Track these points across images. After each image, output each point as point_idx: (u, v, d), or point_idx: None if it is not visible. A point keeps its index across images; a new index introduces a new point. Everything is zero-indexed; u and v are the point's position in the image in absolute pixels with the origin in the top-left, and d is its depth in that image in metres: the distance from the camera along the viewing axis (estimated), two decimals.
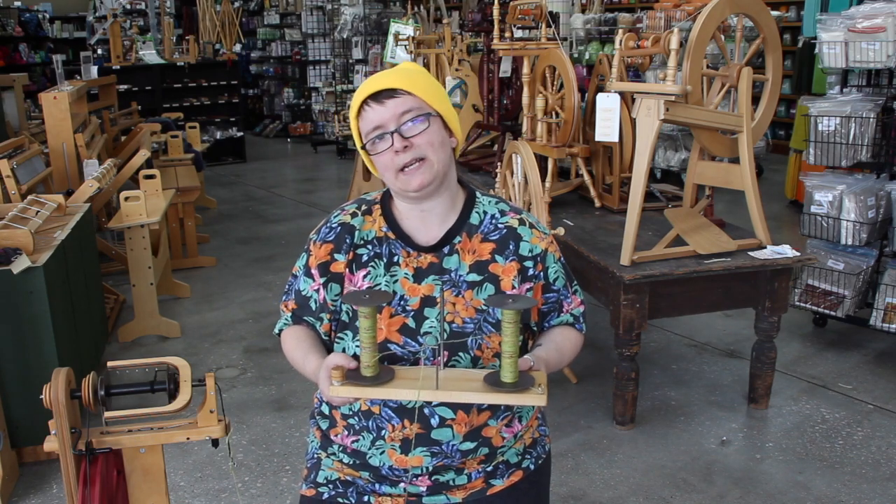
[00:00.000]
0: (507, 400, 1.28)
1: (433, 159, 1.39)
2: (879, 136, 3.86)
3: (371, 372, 1.30)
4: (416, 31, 6.52)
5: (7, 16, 12.41)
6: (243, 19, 12.83)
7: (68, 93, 4.65)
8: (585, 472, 3.03)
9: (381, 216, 1.48)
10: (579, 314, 1.55)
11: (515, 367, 1.28)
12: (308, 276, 1.48)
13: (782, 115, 9.06)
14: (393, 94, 1.38)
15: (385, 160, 1.39)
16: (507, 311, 1.27)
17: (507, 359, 1.28)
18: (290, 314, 1.52)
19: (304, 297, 1.49)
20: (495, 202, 1.51)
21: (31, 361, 2.99)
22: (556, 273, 1.50)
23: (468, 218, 1.47)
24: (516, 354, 1.28)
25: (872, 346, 4.12)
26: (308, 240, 1.52)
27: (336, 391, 1.29)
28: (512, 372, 1.28)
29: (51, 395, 1.74)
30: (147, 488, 1.93)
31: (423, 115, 1.38)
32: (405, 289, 1.42)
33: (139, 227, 4.19)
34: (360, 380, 1.30)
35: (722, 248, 3.23)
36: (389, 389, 1.29)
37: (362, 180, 6.63)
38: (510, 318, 1.27)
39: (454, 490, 1.48)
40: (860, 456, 3.11)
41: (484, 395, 1.29)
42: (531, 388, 1.28)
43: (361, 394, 1.31)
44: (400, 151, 1.37)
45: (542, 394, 1.27)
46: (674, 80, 3.00)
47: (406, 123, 1.38)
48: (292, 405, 3.59)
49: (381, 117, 1.38)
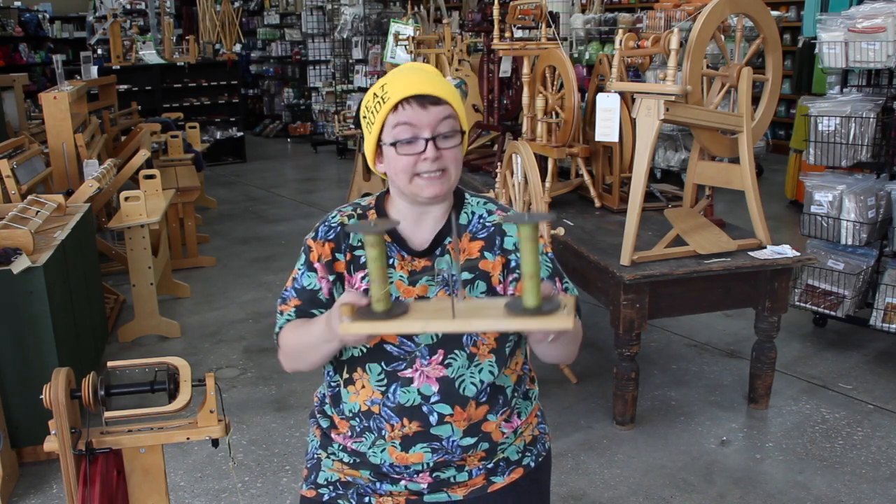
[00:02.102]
0: (531, 325, 1.16)
1: (452, 173, 1.40)
2: (879, 136, 3.86)
3: (383, 306, 1.21)
4: (416, 31, 6.52)
5: (7, 16, 12.41)
6: (243, 19, 12.83)
7: (68, 93, 4.65)
8: (585, 472, 3.03)
9: (377, 220, 1.48)
10: None
11: (538, 288, 1.15)
12: (311, 271, 1.45)
13: (782, 115, 9.06)
14: (437, 102, 1.36)
15: (406, 163, 1.37)
16: (523, 227, 1.14)
17: (529, 280, 1.14)
18: (294, 310, 1.46)
19: (309, 290, 1.45)
20: (483, 202, 1.51)
21: (31, 361, 2.99)
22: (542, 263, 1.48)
23: (457, 219, 1.47)
24: (538, 275, 1.15)
25: (872, 346, 4.12)
26: (304, 241, 1.49)
27: (347, 328, 1.21)
28: (534, 294, 1.15)
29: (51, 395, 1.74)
30: (147, 488, 1.93)
31: (456, 132, 1.39)
32: (400, 291, 1.42)
33: (139, 227, 4.19)
34: (372, 315, 1.21)
35: (722, 248, 3.23)
36: (403, 322, 1.20)
37: (362, 180, 6.63)
38: (527, 233, 1.14)
39: (455, 487, 1.49)
40: (860, 456, 3.11)
41: (503, 322, 1.19)
42: (556, 309, 1.15)
43: (373, 329, 1.22)
44: (429, 159, 1.36)
45: (568, 315, 1.14)
46: (674, 80, 3.01)
47: (441, 136, 1.37)
48: (292, 405, 3.59)
49: (420, 121, 1.36)
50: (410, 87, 1.36)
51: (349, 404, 1.46)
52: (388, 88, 1.38)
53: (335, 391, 1.50)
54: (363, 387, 1.44)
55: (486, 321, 1.19)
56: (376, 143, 1.41)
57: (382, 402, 1.42)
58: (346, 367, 1.46)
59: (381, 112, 1.38)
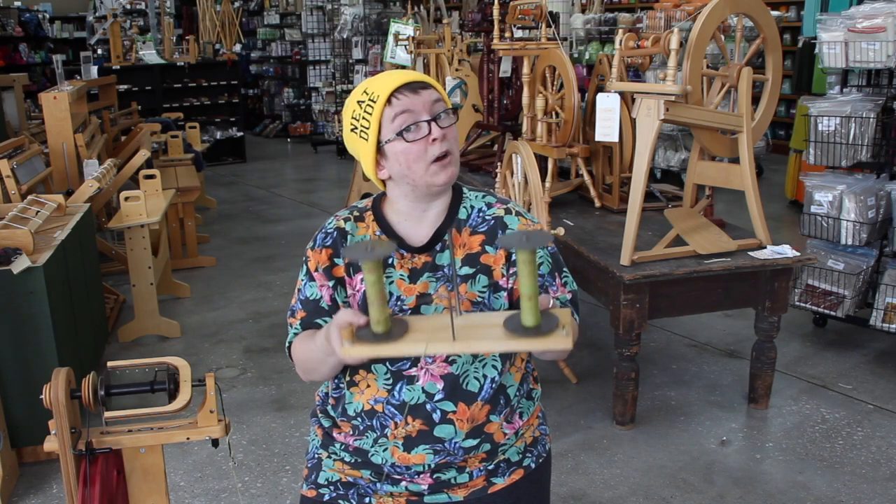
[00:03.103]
0: (530, 346, 1.19)
1: (456, 155, 1.42)
2: (879, 136, 3.86)
3: (382, 328, 1.22)
4: (416, 31, 6.52)
5: (7, 16, 12.41)
6: (243, 19, 12.83)
7: (68, 93, 4.65)
8: (585, 472, 3.03)
9: (374, 221, 1.47)
10: (566, 301, 1.48)
11: (537, 309, 1.18)
12: (312, 281, 1.46)
13: (782, 115, 9.06)
14: (425, 86, 1.39)
15: (418, 149, 1.37)
16: (521, 252, 1.16)
17: (527, 301, 1.17)
18: (300, 323, 1.47)
19: (313, 301, 1.46)
20: (482, 196, 1.51)
21: (31, 361, 2.99)
22: (540, 258, 1.47)
23: (456, 213, 1.47)
24: (536, 296, 1.17)
25: (872, 346, 4.12)
26: (305, 250, 1.49)
27: (348, 352, 1.22)
28: (533, 315, 1.17)
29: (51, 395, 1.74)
30: (147, 488, 1.93)
31: (449, 111, 1.41)
32: (401, 290, 1.42)
33: (139, 227, 4.19)
34: (371, 337, 1.22)
35: (722, 248, 3.23)
36: (403, 345, 1.21)
37: (362, 180, 6.63)
38: (525, 257, 1.16)
39: (455, 488, 1.49)
40: (860, 456, 3.11)
41: (503, 343, 1.20)
42: (555, 329, 1.18)
43: (374, 352, 1.23)
44: (438, 140, 1.37)
45: (566, 335, 1.17)
46: (674, 80, 3.01)
47: (440, 115, 1.38)
48: (292, 405, 3.59)
49: (416, 105, 1.37)
50: (394, 79, 1.38)
51: (353, 404, 1.46)
52: (371, 90, 1.39)
53: (339, 393, 1.50)
54: (368, 386, 1.44)
55: (487, 342, 1.22)
56: (376, 146, 1.40)
57: (387, 400, 1.42)
58: (349, 368, 1.46)
59: (374, 112, 1.38)
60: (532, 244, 1.15)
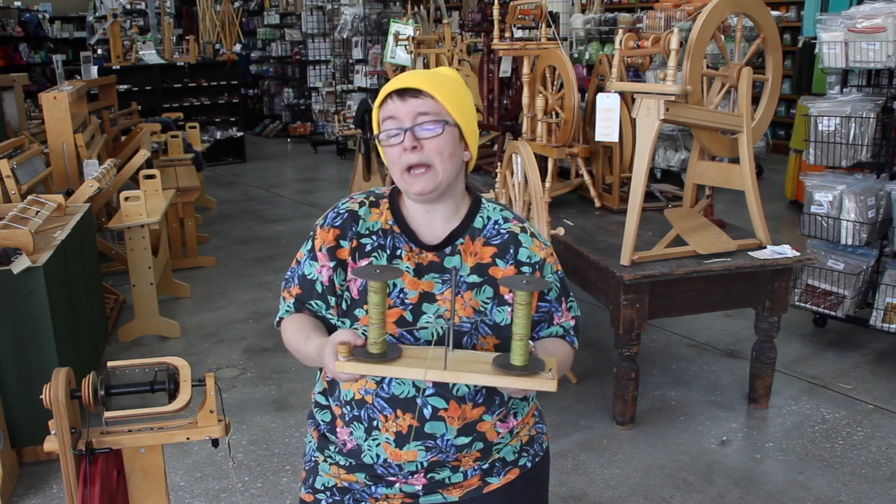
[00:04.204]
0: (517, 384, 1.25)
1: (439, 168, 1.40)
2: (879, 136, 3.86)
3: (378, 349, 1.27)
4: (416, 31, 6.52)
5: (7, 16, 12.41)
6: (243, 19, 12.83)
7: (68, 93, 4.65)
8: (585, 472, 3.03)
9: (389, 210, 1.49)
10: (570, 327, 1.53)
11: (526, 350, 1.25)
12: (313, 260, 1.48)
13: (782, 115, 9.06)
14: (416, 94, 1.39)
15: (393, 155, 1.41)
16: (519, 293, 1.23)
17: (518, 341, 1.24)
18: (293, 300, 1.51)
19: (309, 280, 1.48)
20: (500, 209, 1.52)
21: (31, 361, 2.99)
22: (550, 281, 1.50)
23: (472, 221, 1.48)
24: (528, 337, 1.25)
25: (872, 346, 4.12)
26: (314, 225, 1.52)
27: (342, 367, 1.26)
28: (522, 355, 1.25)
29: (51, 395, 1.74)
30: (147, 488, 1.93)
31: (439, 122, 1.39)
32: (405, 282, 1.43)
33: (139, 227, 4.19)
34: (366, 356, 1.27)
35: (722, 248, 3.23)
36: (396, 367, 1.26)
37: (362, 180, 6.63)
38: (523, 299, 1.23)
39: (450, 488, 1.49)
40: (860, 456, 3.11)
41: (492, 378, 1.26)
42: (541, 372, 1.24)
43: (368, 370, 1.27)
44: (408, 150, 1.38)
45: (552, 379, 1.24)
46: (674, 80, 3.00)
47: (421, 125, 1.39)
48: (292, 405, 3.59)
49: (399, 112, 1.40)
50: (395, 83, 1.42)
51: (343, 391, 1.48)
52: (383, 89, 1.44)
53: (330, 379, 1.52)
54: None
55: (476, 376, 1.26)
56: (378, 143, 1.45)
57: (376, 392, 1.42)
58: None
59: (374, 111, 1.45)
60: (531, 288, 1.24)
